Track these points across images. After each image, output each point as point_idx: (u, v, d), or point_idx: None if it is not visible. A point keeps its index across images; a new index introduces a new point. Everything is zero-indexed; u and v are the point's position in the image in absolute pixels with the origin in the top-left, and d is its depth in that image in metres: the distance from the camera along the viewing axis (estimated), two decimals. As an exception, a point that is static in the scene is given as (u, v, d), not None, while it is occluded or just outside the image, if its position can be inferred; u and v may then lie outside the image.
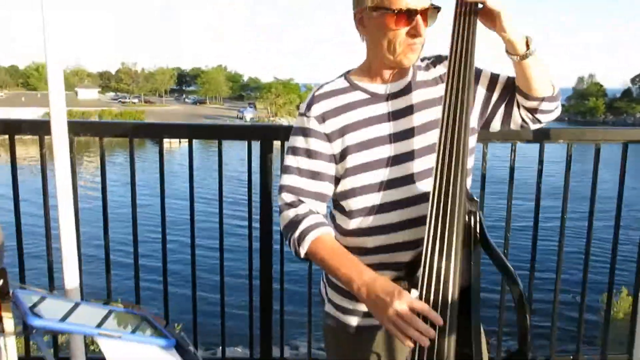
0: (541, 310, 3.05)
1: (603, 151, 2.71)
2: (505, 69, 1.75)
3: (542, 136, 2.58)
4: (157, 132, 2.65)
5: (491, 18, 1.58)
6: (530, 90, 1.70)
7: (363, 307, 1.71)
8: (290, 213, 1.70)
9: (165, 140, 2.63)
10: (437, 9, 1.63)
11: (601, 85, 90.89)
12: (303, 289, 2.82)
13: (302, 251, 1.65)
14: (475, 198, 1.60)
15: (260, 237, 2.74)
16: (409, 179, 1.67)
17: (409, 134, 1.68)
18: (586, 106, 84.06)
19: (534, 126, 1.83)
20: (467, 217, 1.55)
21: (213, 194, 2.87)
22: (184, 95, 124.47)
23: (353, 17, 1.71)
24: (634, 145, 2.70)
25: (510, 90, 1.77)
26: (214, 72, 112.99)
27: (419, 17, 1.59)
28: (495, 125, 1.81)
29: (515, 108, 1.78)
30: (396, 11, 1.58)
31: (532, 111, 1.77)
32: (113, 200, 2.84)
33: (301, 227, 1.66)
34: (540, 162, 2.71)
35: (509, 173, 2.72)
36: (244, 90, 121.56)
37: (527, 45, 1.62)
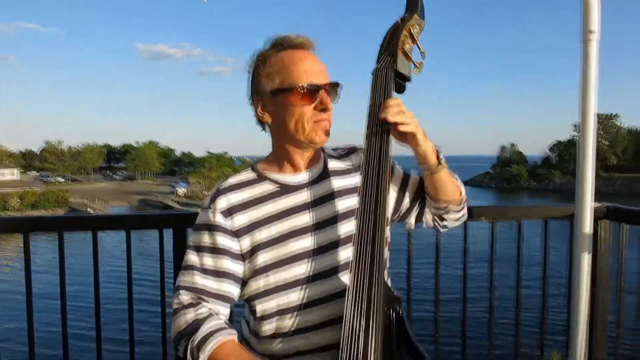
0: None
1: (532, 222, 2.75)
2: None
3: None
4: (56, 225, 2.44)
5: (404, 136, 1.56)
6: (437, 196, 1.70)
7: None
8: (188, 315, 1.53)
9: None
10: (337, 84, 1.59)
11: (522, 154, 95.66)
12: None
13: (202, 356, 1.46)
14: (396, 294, 1.49)
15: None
16: (326, 274, 1.55)
17: (321, 226, 1.58)
18: (511, 173, 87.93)
19: (442, 229, 1.82)
20: (388, 313, 1.44)
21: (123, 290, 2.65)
22: (112, 172, 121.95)
23: (253, 109, 1.63)
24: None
25: (422, 192, 1.77)
26: (145, 148, 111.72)
27: (322, 91, 1.55)
28: (410, 221, 1.80)
29: (426, 209, 1.79)
30: (300, 88, 1.53)
31: (439, 216, 1.78)
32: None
33: (202, 331, 1.48)
34: (465, 239, 2.70)
35: (435, 252, 2.68)
36: (176, 165, 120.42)
37: (437, 157, 1.63)
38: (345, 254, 1.55)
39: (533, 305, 3.09)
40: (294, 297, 1.54)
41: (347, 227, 1.59)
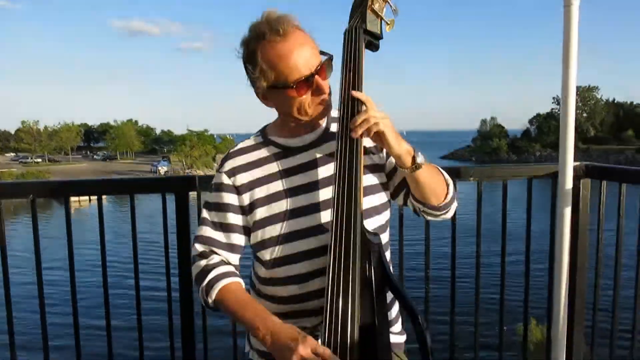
0: (464, 337, 3.11)
1: (514, 191, 2.85)
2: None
3: (453, 174, 2.68)
4: (63, 191, 2.52)
5: (377, 137, 1.62)
6: (419, 196, 1.74)
7: None
8: (201, 263, 1.73)
9: (73, 199, 2.50)
10: (329, 58, 1.66)
11: (503, 127, 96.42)
12: (228, 344, 2.72)
13: (210, 300, 1.68)
14: (376, 239, 1.62)
15: (180, 292, 2.64)
16: (315, 230, 1.69)
17: (314, 186, 1.71)
18: (491, 147, 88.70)
19: (426, 217, 1.86)
20: (368, 257, 1.58)
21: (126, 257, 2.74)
22: (92, 152, 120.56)
23: (255, 93, 1.72)
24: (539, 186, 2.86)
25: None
26: (123, 127, 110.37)
27: (316, 77, 1.62)
28: (399, 202, 1.85)
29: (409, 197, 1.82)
30: (294, 85, 1.61)
31: (418, 209, 1.82)
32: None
33: (209, 277, 1.69)
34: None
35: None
36: (156, 143, 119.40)
37: (414, 160, 1.65)
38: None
39: (518, 275, 3.19)
40: (287, 249, 1.69)
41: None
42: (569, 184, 2.55)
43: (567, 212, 2.58)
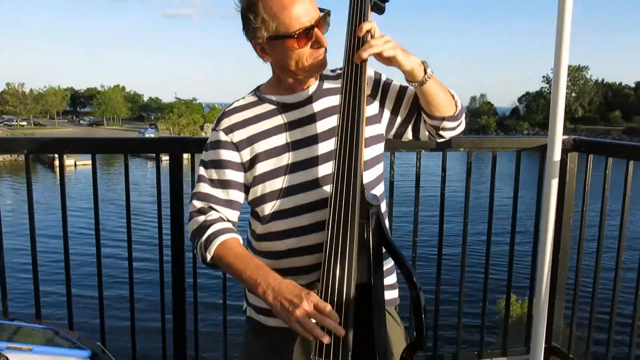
0: (448, 310, 3.20)
1: (503, 170, 2.90)
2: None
3: (444, 145, 2.73)
4: (57, 147, 2.53)
5: (386, 60, 1.65)
6: (432, 110, 1.80)
7: None
8: (199, 219, 1.73)
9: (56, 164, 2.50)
10: (327, 14, 1.69)
11: (492, 105, 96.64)
12: (219, 300, 2.78)
13: (208, 256, 1.67)
14: (375, 201, 1.64)
15: (172, 253, 2.67)
16: (315, 184, 1.71)
17: (313, 140, 1.74)
18: (479, 124, 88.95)
19: (439, 140, 1.94)
20: (366, 218, 1.60)
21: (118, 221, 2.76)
22: (78, 117, 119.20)
23: (252, 47, 1.73)
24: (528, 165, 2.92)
25: (417, 106, 1.86)
26: (111, 92, 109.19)
27: (316, 29, 1.65)
28: (408, 136, 1.91)
29: (422, 122, 1.89)
30: (295, 35, 1.63)
31: (435, 128, 1.87)
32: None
33: (208, 232, 1.68)
34: (443, 169, 2.87)
35: (415, 181, 2.82)
36: (144, 110, 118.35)
37: (425, 71, 1.70)
38: (328, 167, 1.72)
39: (503, 254, 3.25)
40: (287, 203, 1.72)
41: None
42: (557, 155, 2.60)
43: (554, 183, 2.64)
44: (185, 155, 2.60)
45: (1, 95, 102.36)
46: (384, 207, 1.85)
